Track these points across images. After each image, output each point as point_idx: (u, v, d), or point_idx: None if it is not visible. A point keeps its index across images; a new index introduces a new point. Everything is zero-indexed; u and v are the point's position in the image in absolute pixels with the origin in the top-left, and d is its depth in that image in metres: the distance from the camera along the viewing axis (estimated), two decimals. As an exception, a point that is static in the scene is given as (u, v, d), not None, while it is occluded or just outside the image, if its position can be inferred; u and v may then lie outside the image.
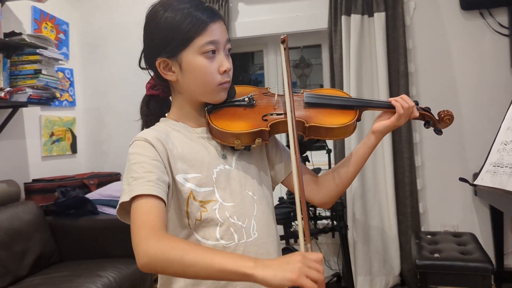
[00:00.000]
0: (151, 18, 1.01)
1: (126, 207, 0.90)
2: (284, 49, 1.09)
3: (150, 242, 0.81)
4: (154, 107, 1.10)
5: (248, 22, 3.35)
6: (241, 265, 0.75)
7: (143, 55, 1.06)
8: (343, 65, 3.08)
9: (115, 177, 3.39)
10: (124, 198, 0.89)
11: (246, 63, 3.91)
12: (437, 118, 1.12)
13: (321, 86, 3.68)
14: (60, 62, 2.90)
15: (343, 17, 3.05)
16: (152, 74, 1.09)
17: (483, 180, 1.17)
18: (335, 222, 2.86)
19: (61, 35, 3.45)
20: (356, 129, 1.11)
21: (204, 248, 0.82)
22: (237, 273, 0.75)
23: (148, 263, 0.81)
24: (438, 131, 1.12)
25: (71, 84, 3.56)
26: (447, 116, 1.10)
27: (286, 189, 2.97)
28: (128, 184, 0.90)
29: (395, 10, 3.03)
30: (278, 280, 0.73)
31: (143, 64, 1.07)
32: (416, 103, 1.10)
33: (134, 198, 0.88)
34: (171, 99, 1.10)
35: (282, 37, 1.09)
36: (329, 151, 2.96)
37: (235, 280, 0.80)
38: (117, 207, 0.92)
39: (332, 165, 3.03)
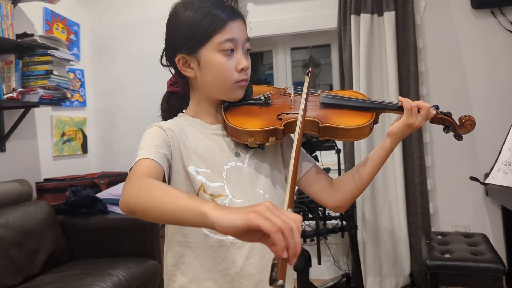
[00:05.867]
0: (172, 16, 1.04)
1: None
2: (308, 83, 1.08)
3: (134, 180, 0.82)
4: (174, 104, 1.13)
5: (257, 22, 3.35)
6: (201, 205, 0.68)
7: (164, 52, 1.09)
8: (352, 65, 3.07)
9: (125, 176, 3.39)
10: (131, 166, 0.90)
11: (255, 63, 3.92)
12: (457, 123, 1.09)
13: (331, 86, 3.67)
14: (71, 62, 2.92)
15: (353, 17, 3.04)
16: (172, 71, 1.11)
17: (494, 179, 1.16)
18: (344, 222, 2.85)
19: (72, 36, 3.48)
20: (372, 132, 1.09)
21: (179, 190, 0.77)
22: (194, 211, 0.68)
23: (122, 197, 0.80)
24: (458, 137, 1.09)
25: (82, 85, 3.59)
26: (469, 122, 1.07)
27: (295, 190, 2.97)
28: (137, 156, 0.92)
29: (405, 9, 3.01)
30: (229, 220, 0.63)
31: (164, 61, 1.09)
32: (437, 107, 1.08)
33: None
34: (190, 96, 1.12)
35: (308, 70, 1.09)
36: (338, 151, 2.96)
37: (188, 221, 0.70)
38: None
39: (342, 166, 3.02)
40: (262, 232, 0.62)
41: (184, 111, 1.11)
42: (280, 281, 0.58)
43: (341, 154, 3.02)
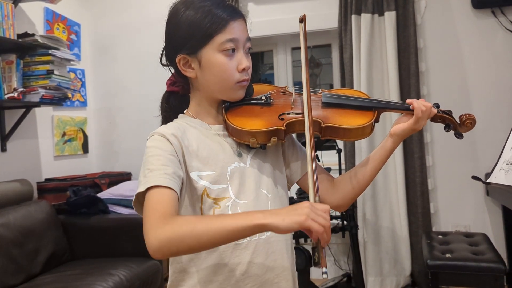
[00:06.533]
0: (172, 16, 1.03)
1: (142, 198, 0.90)
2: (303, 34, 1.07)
3: (159, 226, 0.82)
4: (174, 104, 1.11)
5: (258, 22, 3.35)
6: (251, 219, 0.78)
7: (164, 52, 1.07)
8: (353, 65, 3.07)
9: (126, 176, 3.41)
10: (140, 189, 0.89)
11: (256, 63, 3.92)
12: (458, 121, 1.09)
13: (331, 86, 3.67)
14: (72, 62, 2.93)
15: (353, 17, 3.04)
16: (172, 71, 1.10)
17: (497, 178, 1.16)
18: (345, 222, 2.85)
19: (73, 36, 3.48)
20: (373, 131, 1.08)
21: (213, 217, 0.86)
22: (249, 226, 0.78)
23: (160, 246, 0.80)
24: (459, 135, 1.09)
25: (83, 85, 3.59)
26: (469, 120, 1.07)
27: (296, 189, 2.97)
28: (144, 176, 0.90)
29: (405, 9, 3.01)
30: (287, 224, 0.77)
31: (164, 61, 1.08)
32: (437, 106, 1.08)
33: (148, 189, 0.88)
34: (190, 96, 1.11)
35: (300, 16, 1.07)
36: (339, 151, 2.96)
37: (248, 235, 0.82)
38: (134, 198, 0.92)
39: (342, 165, 3.02)
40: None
41: (184, 111, 1.10)
42: (324, 269, 0.75)
43: (342, 154, 3.02)
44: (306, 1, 3.32)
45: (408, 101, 1.06)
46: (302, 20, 1.07)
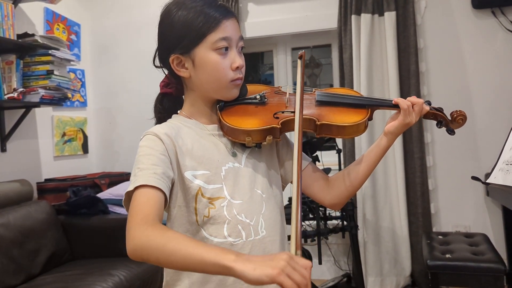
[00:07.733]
0: (165, 16, 1.03)
1: (131, 196, 0.90)
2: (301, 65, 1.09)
3: (139, 229, 0.82)
4: (168, 105, 1.12)
5: (258, 22, 3.35)
6: (221, 257, 0.73)
7: (157, 53, 1.08)
8: (353, 65, 3.07)
9: (126, 176, 3.41)
10: (129, 188, 0.90)
11: (256, 63, 3.92)
12: (449, 118, 1.11)
13: (331, 86, 3.67)
14: (71, 63, 2.92)
15: (353, 17, 3.04)
16: (166, 72, 1.10)
17: (496, 178, 1.16)
18: (345, 222, 2.85)
19: (73, 36, 3.48)
20: (367, 129, 1.10)
21: (189, 239, 0.80)
22: (216, 264, 0.73)
23: (133, 250, 0.81)
24: (451, 131, 1.11)
25: (83, 85, 3.59)
26: (460, 117, 1.09)
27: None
28: (134, 175, 0.91)
29: (405, 9, 3.01)
30: (257, 275, 0.70)
31: (157, 62, 1.09)
32: (429, 103, 1.09)
33: (136, 188, 0.89)
34: (184, 97, 1.11)
35: (300, 53, 1.09)
36: (339, 151, 2.96)
37: (213, 273, 0.76)
38: (124, 197, 0.92)
39: (342, 165, 3.02)
40: None
41: (178, 112, 1.10)
42: None
43: (342, 154, 3.02)
44: (306, 1, 3.32)
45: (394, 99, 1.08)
46: (301, 57, 1.09)
